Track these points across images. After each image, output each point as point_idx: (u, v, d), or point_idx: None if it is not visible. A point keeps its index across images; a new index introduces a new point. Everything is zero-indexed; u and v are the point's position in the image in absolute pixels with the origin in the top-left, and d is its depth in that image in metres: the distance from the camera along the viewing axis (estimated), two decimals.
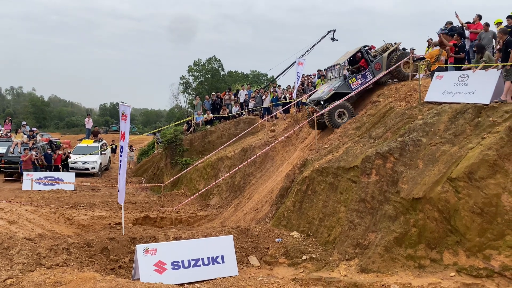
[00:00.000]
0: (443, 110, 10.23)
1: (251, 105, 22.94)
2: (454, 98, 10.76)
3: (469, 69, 10.92)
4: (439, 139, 9.54)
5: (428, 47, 16.56)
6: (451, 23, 14.11)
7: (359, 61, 14.94)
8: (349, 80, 14.21)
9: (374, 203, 9.36)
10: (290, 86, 24.30)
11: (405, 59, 14.39)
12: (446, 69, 12.40)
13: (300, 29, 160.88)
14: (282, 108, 21.57)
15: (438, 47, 13.44)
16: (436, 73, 11.95)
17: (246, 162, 16.19)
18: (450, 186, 8.50)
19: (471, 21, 13.35)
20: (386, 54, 14.57)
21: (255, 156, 16.21)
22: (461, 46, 12.15)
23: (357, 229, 9.36)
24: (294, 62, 22.41)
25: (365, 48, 14.74)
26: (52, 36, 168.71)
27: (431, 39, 15.05)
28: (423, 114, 10.68)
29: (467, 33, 13.22)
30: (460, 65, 11.64)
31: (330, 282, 8.25)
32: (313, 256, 9.41)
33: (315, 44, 25.95)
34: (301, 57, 22.32)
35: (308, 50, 25.63)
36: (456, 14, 13.25)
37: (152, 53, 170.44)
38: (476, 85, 10.44)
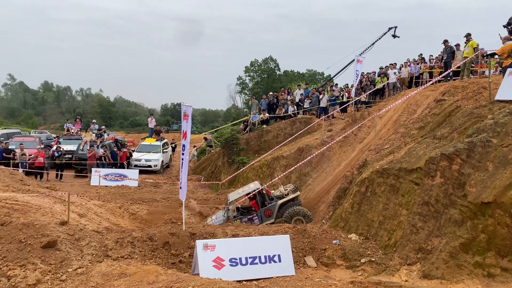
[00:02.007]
0: None
1: (307, 105, 22.76)
2: None
3: None
4: None
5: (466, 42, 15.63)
6: None
7: (251, 200, 13.41)
8: (233, 222, 12.60)
9: (438, 206, 8.93)
10: (348, 84, 23.83)
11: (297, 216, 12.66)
12: None
13: (358, 27, 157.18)
14: (339, 107, 21.18)
15: (511, 42, 12.53)
16: (508, 70, 11.14)
17: (302, 162, 16.06)
18: None
19: None
20: (279, 202, 12.86)
21: (312, 156, 16.03)
22: None
23: (419, 233, 8.99)
24: (353, 60, 21.92)
25: (262, 190, 13.13)
26: (117, 40, 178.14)
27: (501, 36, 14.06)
28: (494, 113, 10.01)
29: None
30: None
31: (390, 286, 7.98)
32: (372, 259, 9.18)
33: (375, 41, 25.28)
34: (360, 54, 21.81)
35: (368, 47, 24.99)
36: None
37: (210, 54, 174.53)
38: None
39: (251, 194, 13.01)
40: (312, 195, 14.62)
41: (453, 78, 16.60)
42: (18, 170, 18.40)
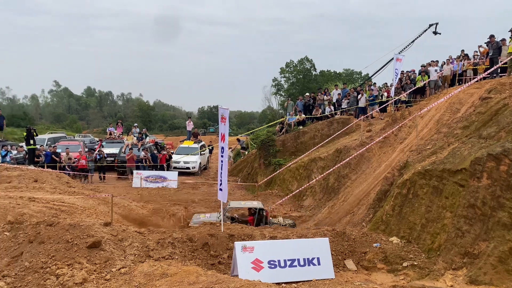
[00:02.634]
0: None
1: (344, 105, 22.41)
2: None
3: None
4: None
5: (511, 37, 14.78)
6: None
7: (250, 215, 13.31)
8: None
9: (485, 209, 8.54)
10: (387, 83, 23.28)
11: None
12: None
13: (397, 24, 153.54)
14: (379, 107, 20.72)
15: None
16: None
17: (341, 163, 15.83)
18: None
19: None
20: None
21: (350, 157, 15.77)
22: None
23: (465, 236, 8.64)
24: (392, 58, 21.41)
25: (262, 211, 12.92)
26: (155, 45, 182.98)
27: None
28: None
29: None
30: None
31: None
32: (415, 263, 8.91)
33: (415, 38, 24.59)
34: (399, 53, 21.28)
35: (408, 45, 24.33)
36: None
37: (245, 57, 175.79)
38: None
39: (252, 210, 13.07)
40: (351, 198, 14.39)
41: (500, 74, 15.87)
42: (67, 173, 19.20)
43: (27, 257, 8.25)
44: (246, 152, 28.33)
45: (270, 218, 13.41)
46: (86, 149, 23.87)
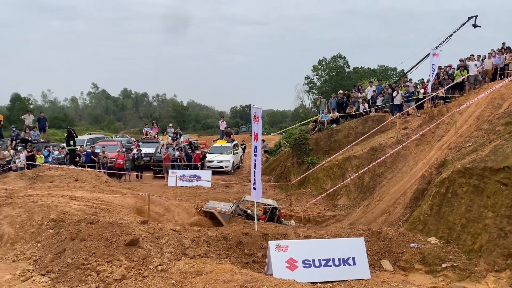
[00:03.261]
0: None
1: (379, 102, 21.95)
2: None
3: None
4: None
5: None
6: None
7: (264, 212, 13.10)
8: (235, 217, 12.58)
9: None
10: (423, 79, 22.63)
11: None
12: None
13: (433, 18, 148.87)
14: (415, 104, 20.17)
15: None
16: None
17: (376, 162, 15.53)
18: None
19: None
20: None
21: (386, 155, 15.45)
22: None
23: (508, 237, 8.30)
24: (429, 53, 20.77)
25: (275, 210, 12.79)
26: (189, 46, 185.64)
27: None
28: None
29: None
30: None
31: None
32: (455, 264, 8.65)
33: (453, 32, 23.75)
34: (436, 47, 20.58)
35: (445, 39, 23.54)
36: None
37: (277, 56, 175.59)
38: None
39: (266, 207, 13.08)
40: (387, 197, 14.10)
41: None
42: (103, 172, 19.83)
43: (69, 254, 8.59)
44: (270, 158, 28.33)
45: (282, 219, 13.39)
46: (124, 149, 24.53)
